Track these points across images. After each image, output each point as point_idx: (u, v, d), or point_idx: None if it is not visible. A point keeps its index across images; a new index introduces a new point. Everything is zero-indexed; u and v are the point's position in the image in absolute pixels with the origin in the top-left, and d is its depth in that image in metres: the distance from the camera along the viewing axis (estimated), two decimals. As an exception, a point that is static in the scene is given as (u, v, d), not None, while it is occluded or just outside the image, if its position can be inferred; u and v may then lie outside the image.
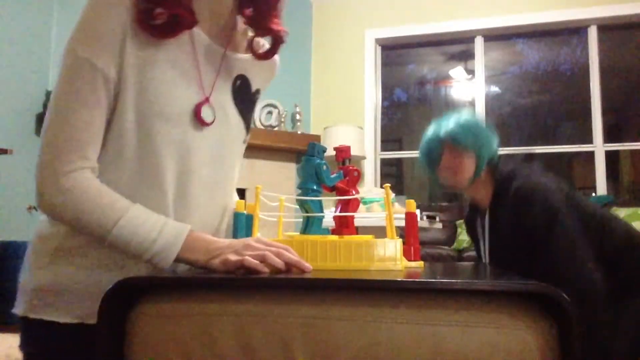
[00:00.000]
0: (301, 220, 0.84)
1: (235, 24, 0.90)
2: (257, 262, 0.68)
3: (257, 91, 0.95)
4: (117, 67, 0.74)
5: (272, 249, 0.71)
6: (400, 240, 0.78)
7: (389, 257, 0.77)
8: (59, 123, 0.72)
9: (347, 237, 0.80)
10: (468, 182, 1.38)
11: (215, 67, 0.84)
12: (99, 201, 0.72)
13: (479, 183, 1.40)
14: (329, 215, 0.87)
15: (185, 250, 0.74)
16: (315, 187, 0.82)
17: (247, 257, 0.69)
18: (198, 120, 0.79)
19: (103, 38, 0.72)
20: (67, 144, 0.71)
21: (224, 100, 0.85)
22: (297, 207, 0.84)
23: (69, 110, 0.72)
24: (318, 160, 0.82)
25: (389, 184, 0.85)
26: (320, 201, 0.82)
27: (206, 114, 0.80)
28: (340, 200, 0.86)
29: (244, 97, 0.89)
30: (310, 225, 0.82)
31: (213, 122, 0.81)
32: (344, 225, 0.85)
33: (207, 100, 0.80)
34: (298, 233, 0.86)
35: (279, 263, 0.69)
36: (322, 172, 0.82)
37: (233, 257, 0.70)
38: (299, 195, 0.83)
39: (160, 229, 0.73)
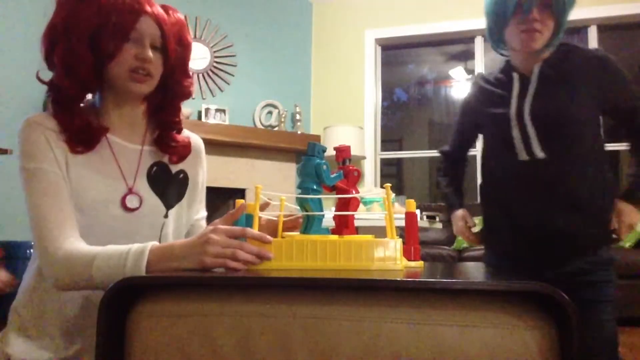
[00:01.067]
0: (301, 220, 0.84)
1: (151, 123, 1.08)
2: (236, 263, 0.76)
3: (180, 171, 1.10)
4: (57, 166, 0.93)
5: (235, 243, 0.78)
6: (400, 240, 0.78)
7: (389, 257, 0.77)
8: (35, 221, 0.89)
9: (347, 237, 0.80)
10: (541, 46, 1.33)
11: (134, 164, 1.02)
12: (77, 260, 0.85)
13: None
14: (329, 215, 0.87)
15: (155, 263, 0.82)
16: (315, 187, 0.82)
17: (227, 261, 0.76)
18: (124, 207, 0.98)
19: (39, 150, 0.93)
20: (46, 233, 0.88)
21: (141, 186, 1.01)
22: (297, 206, 0.84)
23: (38, 208, 0.89)
24: (318, 160, 0.82)
25: (389, 184, 0.85)
26: (320, 201, 0.82)
27: (130, 202, 0.98)
28: (340, 200, 0.86)
29: (161, 179, 1.05)
30: (310, 225, 0.82)
31: (140, 207, 0.99)
32: (343, 225, 0.85)
33: (130, 191, 0.99)
34: (297, 232, 0.85)
35: (249, 258, 0.77)
36: (322, 172, 0.82)
37: (208, 260, 0.77)
38: (299, 194, 0.83)
39: (126, 256, 0.83)
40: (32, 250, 3.41)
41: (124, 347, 0.64)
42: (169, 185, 1.06)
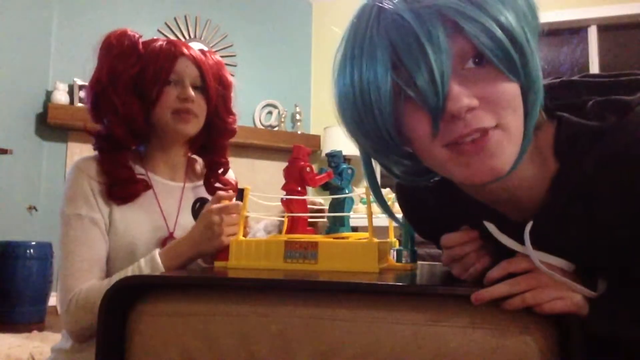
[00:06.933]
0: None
1: (191, 160, 1.13)
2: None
3: None
4: (99, 212, 0.96)
5: (232, 218, 0.88)
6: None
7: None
8: (62, 269, 0.92)
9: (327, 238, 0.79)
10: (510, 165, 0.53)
11: (177, 201, 1.04)
12: (94, 291, 0.88)
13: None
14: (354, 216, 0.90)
15: (168, 263, 0.88)
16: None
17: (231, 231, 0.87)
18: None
19: (80, 196, 0.95)
20: (70, 282, 0.90)
21: (186, 223, 1.02)
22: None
23: (69, 253, 0.92)
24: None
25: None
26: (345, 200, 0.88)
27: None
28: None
29: None
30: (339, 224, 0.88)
31: None
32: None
33: (171, 235, 0.99)
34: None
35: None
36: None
37: (224, 239, 0.86)
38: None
39: (139, 267, 0.88)
40: (31, 251, 3.37)
41: (124, 347, 0.64)
42: None
